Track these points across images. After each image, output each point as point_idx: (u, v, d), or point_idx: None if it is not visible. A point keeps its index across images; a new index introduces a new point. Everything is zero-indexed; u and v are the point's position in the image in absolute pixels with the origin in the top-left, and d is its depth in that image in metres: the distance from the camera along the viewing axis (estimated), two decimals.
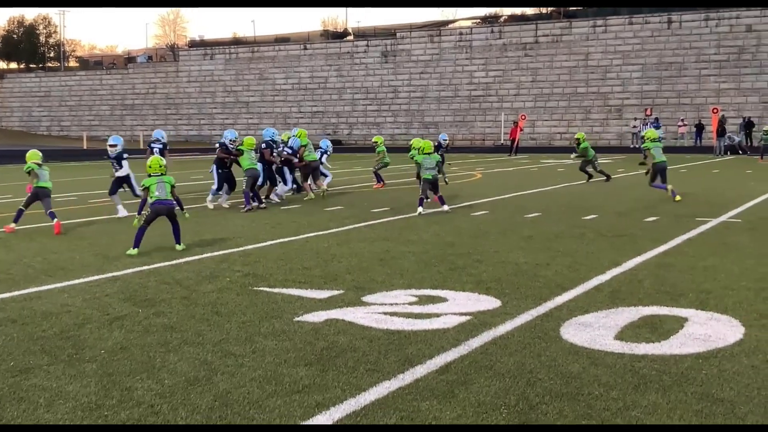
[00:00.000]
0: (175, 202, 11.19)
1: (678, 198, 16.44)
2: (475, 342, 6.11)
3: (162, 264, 9.85)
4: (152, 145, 18.05)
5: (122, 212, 14.81)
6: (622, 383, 5.11)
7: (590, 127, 53.51)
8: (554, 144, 53.84)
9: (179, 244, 10.91)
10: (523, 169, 30.78)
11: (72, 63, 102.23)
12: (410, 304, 7.48)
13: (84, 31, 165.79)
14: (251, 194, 16.16)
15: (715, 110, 42.31)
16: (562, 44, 56.40)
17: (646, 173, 17.75)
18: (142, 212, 11.88)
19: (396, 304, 7.47)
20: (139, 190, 14.24)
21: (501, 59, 58.45)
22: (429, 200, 15.99)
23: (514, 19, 65.41)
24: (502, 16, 68.09)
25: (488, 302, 7.48)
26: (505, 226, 13.09)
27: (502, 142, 53.45)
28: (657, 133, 18.58)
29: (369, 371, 5.44)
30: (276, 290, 8.17)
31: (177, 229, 11.01)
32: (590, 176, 22.73)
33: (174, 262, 9.99)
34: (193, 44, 79.12)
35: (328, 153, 20.96)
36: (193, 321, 6.93)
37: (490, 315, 6.96)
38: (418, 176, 15.96)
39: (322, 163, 19.98)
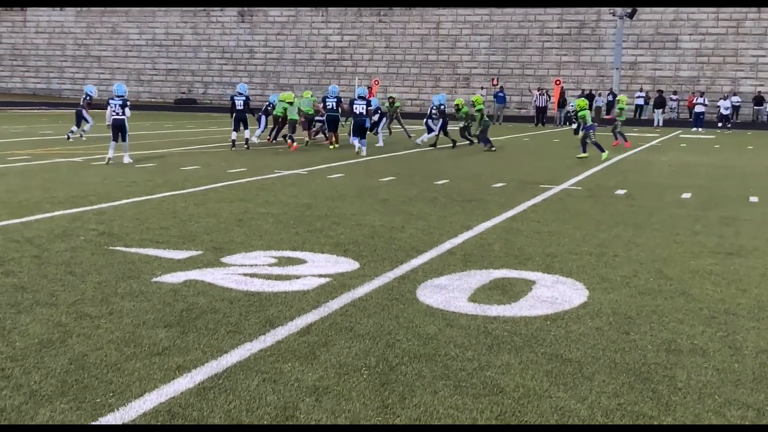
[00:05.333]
0: None
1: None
2: (335, 304, 6.21)
3: (10, 222, 9.38)
4: None
5: None
6: (476, 344, 5.34)
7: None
8: (405, 110, 54.56)
9: None
10: None
11: None
12: (270, 265, 7.48)
13: None
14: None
15: (557, 82, 44.16)
16: (415, 12, 57.06)
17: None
18: None
19: (256, 265, 7.46)
20: None
21: (356, 24, 58.51)
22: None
23: None
24: None
25: (347, 264, 7.59)
26: (361, 189, 13.25)
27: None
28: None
29: (230, 333, 5.43)
30: (132, 250, 7.96)
31: None
32: (471, 141, 24.29)
33: (23, 219, 9.53)
34: None
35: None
36: (46, 281, 6.67)
37: (348, 277, 7.08)
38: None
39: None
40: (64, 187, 12.67)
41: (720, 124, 39.82)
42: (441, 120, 24.07)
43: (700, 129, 38.20)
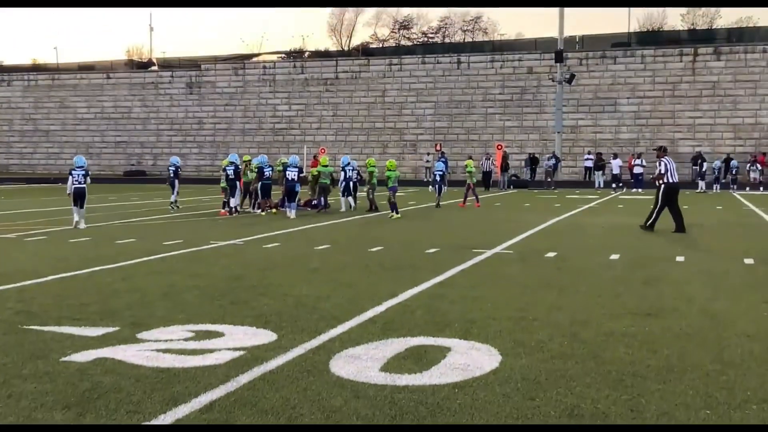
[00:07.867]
0: None
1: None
2: (244, 378, 6.13)
3: None
4: None
5: None
6: (380, 415, 5.30)
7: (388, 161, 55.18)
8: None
9: None
10: None
11: None
12: (186, 339, 7.39)
13: None
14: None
15: (499, 146, 44.96)
16: (361, 81, 57.93)
17: None
18: None
19: (171, 340, 7.35)
20: None
21: (303, 93, 59.15)
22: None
23: (316, 55, 66.72)
24: (305, 51, 69.37)
25: (264, 336, 7.53)
26: (294, 258, 13.23)
27: (304, 173, 53.94)
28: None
29: (129, 413, 5.32)
30: (47, 328, 7.81)
31: None
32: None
33: None
34: None
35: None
36: None
37: (264, 349, 7.01)
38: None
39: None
40: None
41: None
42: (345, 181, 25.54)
43: (639, 190, 38.98)
